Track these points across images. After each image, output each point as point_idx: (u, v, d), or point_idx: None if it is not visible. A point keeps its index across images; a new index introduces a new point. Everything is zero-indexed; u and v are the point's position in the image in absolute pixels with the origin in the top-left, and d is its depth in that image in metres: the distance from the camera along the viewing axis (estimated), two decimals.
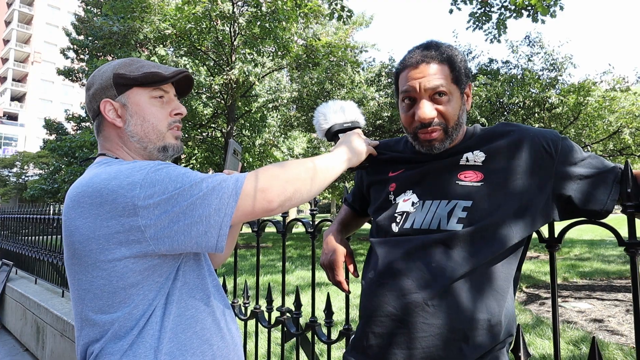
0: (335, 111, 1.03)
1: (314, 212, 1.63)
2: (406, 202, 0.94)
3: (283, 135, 15.22)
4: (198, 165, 15.37)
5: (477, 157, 0.90)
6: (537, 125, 7.89)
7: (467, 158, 0.91)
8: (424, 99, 0.88)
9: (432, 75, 0.86)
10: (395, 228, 0.92)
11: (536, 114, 7.78)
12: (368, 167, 1.03)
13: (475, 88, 7.73)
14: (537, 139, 0.87)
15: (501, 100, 7.74)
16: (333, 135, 1.02)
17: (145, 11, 10.01)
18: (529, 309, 4.21)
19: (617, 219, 0.81)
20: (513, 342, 1.05)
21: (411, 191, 0.94)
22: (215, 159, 14.55)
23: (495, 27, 6.92)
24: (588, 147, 8.72)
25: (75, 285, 0.76)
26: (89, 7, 14.62)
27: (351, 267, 1.14)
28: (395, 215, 0.93)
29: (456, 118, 0.89)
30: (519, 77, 7.74)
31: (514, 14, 6.30)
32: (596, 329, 3.56)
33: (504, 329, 0.86)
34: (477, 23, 6.84)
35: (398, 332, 0.84)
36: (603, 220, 0.89)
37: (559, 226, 1.00)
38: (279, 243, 11.22)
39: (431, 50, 0.89)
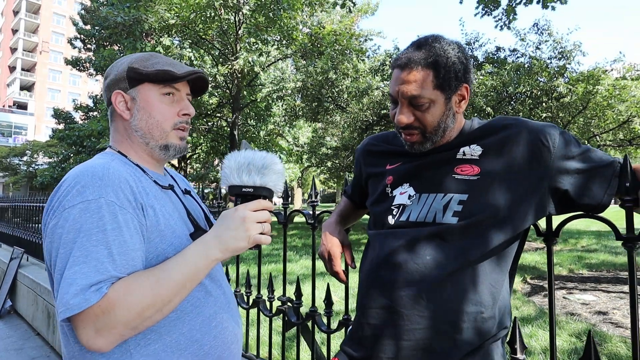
0: (240, 168, 0.79)
1: (314, 204, 1.64)
2: (403, 194, 0.94)
3: (288, 125, 15.19)
4: (204, 155, 15.42)
5: (474, 151, 0.90)
6: (544, 115, 7.74)
7: (463, 152, 0.91)
8: (403, 105, 0.88)
9: (412, 83, 0.85)
10: (391, 220, 0.92)
11: (544, 104, 7.62)
12: (255, 249, 0.83)
13: (481, 77, 7.60)
14: (535, 132, 0.86)
15: (508, 89, 7.60)
16: (234, 194, 0.81)
17: (150, 0, 9.95)
18: (532, 300, 4.21)
19: (618, 212, 0.79)
20: (509, 335, 1.06)
21: (408, 184, 0.94)
22: (221, 149, 14.60)
23: (505, 13, 6.76)
24: (597, 136, 8.57)
25: None
26: None
27: (348, 259, 1.15)
28: (392, 207, 0.94)
29: (436, 123, 0.88)
30: (526, 65, 7.57)
31: (524, 0, 6.14)
32: (600, 322, 3.55)
33: (498, 321, 0.87)
34: (485, 9, 6.68)
35: (392, 324, 0.85)
36: (601, 214, 0.89)
37: (558, 219, 0.99)
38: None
39: (421, 50, 0.86)
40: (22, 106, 45.54)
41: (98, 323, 0.64)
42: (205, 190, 13.95)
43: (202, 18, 10.28)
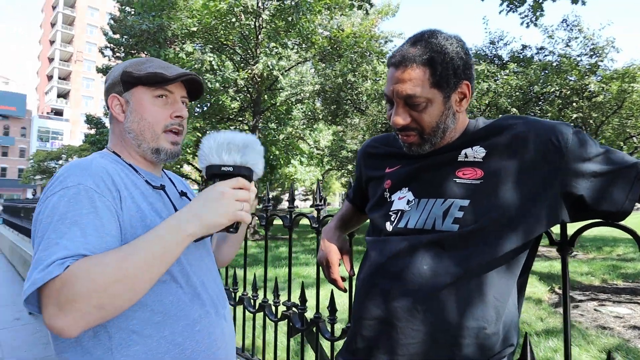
0: (219, 147, 0.77)
1: (320, 208, 1.60)
2: (401, 199, 0.89)
3: (309, 128, 15.22)
4: None
5: (476, 153, 0.83)
6: (575, 115, 7.36)
7: (465, 154, 0.84)
8: (399, 105, 0.83)
9: (408, 82, 0.80)
10: (389, 227, 0.87)
11: (574, 103, 7.25)
12: (233, 231, 0.79)
13: (506, 77, 7.32)
14: (545, 132, 0.78)
15: (534, 88, 7.27)
16: (211, 176, 0.79)
17: (173, 7, 10.26)
18: (559, 311, 3.98)
19: None
20: (520, 352, 0.98)
21: (407, 188, 0.89)
22: None
23: (531, 9, 6.51)
24: (634, 137, 8.07)
25: None
26: (123, 7, 15.20)
27: (347, 266, 1.10)
28: (390, 213, 0.89)
29: (434, 124, 0.82)
30: (554, 64, 7.23)
31: None
32: (635, 337, 3.30)
33: (502, 338, 0.80)
34: (510, 6, 6.46)
35: (386, 337, 0.80)
36: (622, 222, 0.80)
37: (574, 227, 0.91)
38: (304, 235, 11.27)
39: (416, 47, 0.81)
40: (58, 113, 48.08)
41: (60, 297, 0.61)
42: None
43: (223, 24, 10.49)
